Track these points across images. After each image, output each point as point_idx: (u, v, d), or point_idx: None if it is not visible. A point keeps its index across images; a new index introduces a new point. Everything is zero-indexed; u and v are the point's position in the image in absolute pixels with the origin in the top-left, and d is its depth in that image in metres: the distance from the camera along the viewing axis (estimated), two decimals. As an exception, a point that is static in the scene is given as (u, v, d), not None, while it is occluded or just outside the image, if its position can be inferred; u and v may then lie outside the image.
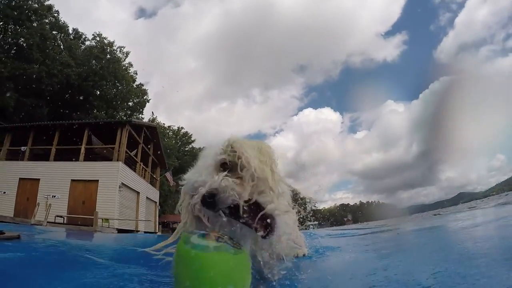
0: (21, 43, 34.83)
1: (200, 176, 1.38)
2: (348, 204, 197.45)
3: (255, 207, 1.37)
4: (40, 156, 22.93)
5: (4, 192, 20.80)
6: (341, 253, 3.49)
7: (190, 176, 1.47)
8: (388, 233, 6.59)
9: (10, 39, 34.75)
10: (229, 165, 1.42)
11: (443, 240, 3.57)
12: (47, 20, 37.42)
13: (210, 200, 1.29)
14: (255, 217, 1.35)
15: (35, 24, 34.93)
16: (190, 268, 1.06)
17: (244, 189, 1.34)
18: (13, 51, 34.86)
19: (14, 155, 22.82)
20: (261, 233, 1.34)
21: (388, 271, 2.02)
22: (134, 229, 22.28)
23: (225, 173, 1.35)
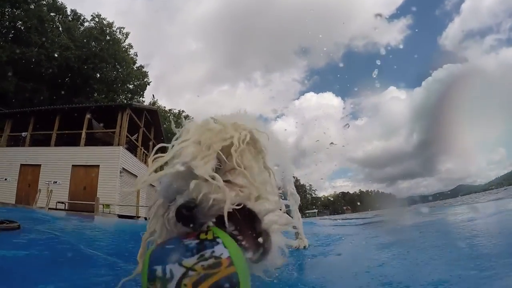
0: (19, 26, 34.39)
1: (177, 178, 1.06)
2: (348, 192, 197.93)
3: (248, 217, 1.05)
4: (41, 141, 22.82)
5: (6, 179, 20.80)
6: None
7: (167, 175, 1.09)
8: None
9: (7, 23, 34.28)
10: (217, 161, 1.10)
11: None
12: (44, 2, 36.69)
13: (188, 214, 0.96)
14: (246, 230, 1.05)
15: (32, 6, 34.21)
16: None
17: (231, 194, 1.01)
18: (11, 35, 34.47)
19: (15, 141, 22.78)
20: (250, 254, 1.03)
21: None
22: (135, 215, 22.28)
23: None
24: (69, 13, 41.60)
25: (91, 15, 42.19)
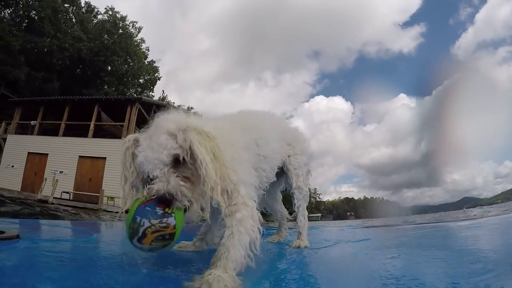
0: (33, 15, 34.58)
1: (153, 170, 1.34)
2: (353, 198, 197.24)
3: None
4: (49, 131, 22.86)
5: (13, 166, 20.89)
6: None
7: (143, 157, 1.37)
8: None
9: (21, 12, 34.52)
10: (181, 160, 1.36)
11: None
12: (59, -8, 36.88)
13: (168, 198, 1.31)
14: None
15: (47, -4, 34.46)
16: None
17: (195, 191, 1.39)
18: (24, 24, 34.72)
19: (23, 129, 22.87)
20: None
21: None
22: (140, 208, 22.16)
23: (176, 175, 1.34)
24: (83, 5, 42.08)
25: (105, 8, 42.53)
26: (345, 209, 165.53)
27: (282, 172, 2.54)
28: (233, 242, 1.44)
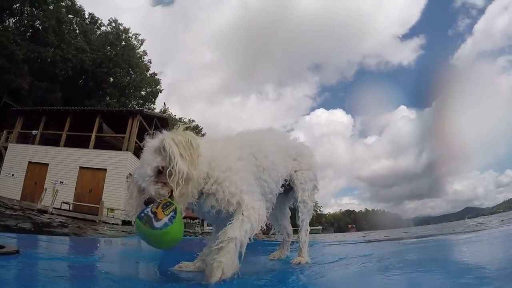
0: (37, 25, 34.99)
1: (141, 182, 1.79)
2: (354, 210, 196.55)
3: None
4: (50, 141, 22.93)
5: (13, 175, 20.89)
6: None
7: (137, 175, 1.85)
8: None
9: (26, 21, 34.95)
10: (162, 169, 1.75)
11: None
12: (63, 4, 37.48)
13: (150, 201, 1.74)
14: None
15: (51, 7, 34.96)
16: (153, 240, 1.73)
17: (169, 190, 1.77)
18: (28, 34, 35.10)
19: (25, 138, 22.93)
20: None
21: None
22: (140, 221, 22.07)
23: (156, 184, 1.77)
24: (86, 16, 42.61)
25: (108, 20, 43.18)
26: (346, 222, 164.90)
27: (290, 189, 2.62)
28: (233, 225, 1.75)
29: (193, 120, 63.95)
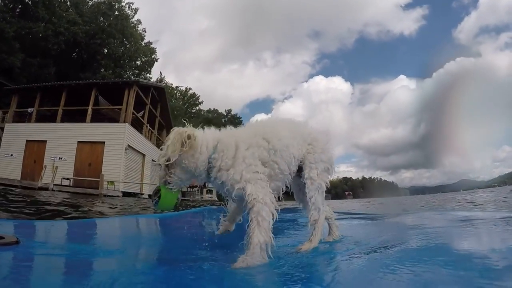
0: (26, 1, 33.80)
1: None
2: (351, 178, 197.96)
3: None
4: (47, 117, 22.63)
5: (11, 155, 20.74)
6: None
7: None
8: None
9: (14, -3, 33.76)
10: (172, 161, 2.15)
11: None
12: (51, -25, 35.97)
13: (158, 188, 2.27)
14: None
15: (39, -20, 33.63)
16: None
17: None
18: (18, 10, 34.01)
19: (21, 117, 22.62)
20: None
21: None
22: (139, 192, 22.31)
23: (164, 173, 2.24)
24: (77, -13, 40.99)
25: (100, -11, 41.44)
26: (343, 189, 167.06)
27: None
28: (255, 230, 2.04)
29: (190, 88, 63.51)
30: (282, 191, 2.55)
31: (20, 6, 34.29)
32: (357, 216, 6.93)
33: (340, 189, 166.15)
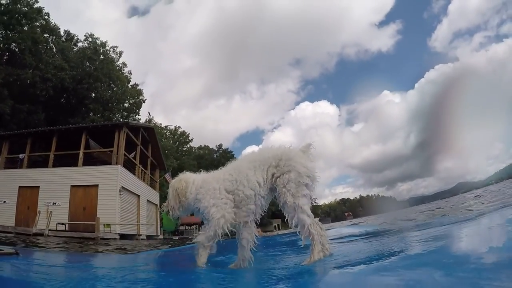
0: (13, 48, 34.53)
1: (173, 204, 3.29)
2: (349, 198, 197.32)
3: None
4: (38, 163, 22.79)
5: (5, 201, 20.70)
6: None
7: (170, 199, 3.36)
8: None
9: (1, 45, 34.39)
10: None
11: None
12: (37, 23, 36.92)
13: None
14: None
15: (26, 28, 34.49)
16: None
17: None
18: (5, 57, 34.64)
19: (12, 163, 22.68)
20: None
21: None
22: (136, 233, 22.27)
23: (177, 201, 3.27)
24: (62, 33, 42.13)
25: (85, 35, 42.74)
26: (342, 210, 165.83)
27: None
28: (200, 233, 2.99)
29: (179, 127, 64.05)
30: (264, 213, 3.10)
31: (7, 54, 34.98)
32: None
33: (340, 211, 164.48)
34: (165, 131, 58.40)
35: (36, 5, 35.93)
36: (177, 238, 33.48)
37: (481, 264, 1.88)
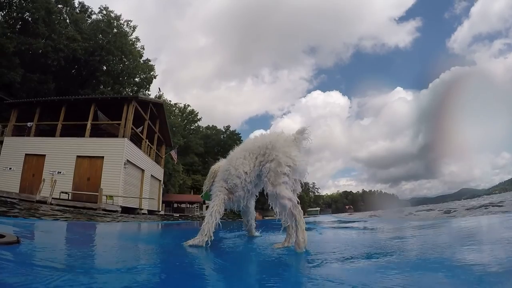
0: (27, 17, 34.30)
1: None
2: (351, 191, 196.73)
3: None
4: (46, 132, 22.79)
5: (10, 168, 20.82)
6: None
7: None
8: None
9: (15, 14, 34.22)
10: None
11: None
12: (52, -7, 36.58)
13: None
14: None
15: (40, -2, 34.20)
16: None
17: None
18: (18, 26, 34.47)
19: (20, 131, 22.78)
20: None
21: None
22: (138, 207, 22.39)
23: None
24: (76, 5, 41.58)
25: (99, 8, 42.02)
26: (343, 203, 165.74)
27: None
28: (205, 220, 2.95)
29: (188, 105, 63.88)
30: (257, 197, 3.36)
31: (20, 22, 34.80)
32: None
33: (341, 203, 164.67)
34: (174, 108, 58.09)
35: (50, -25, 35.51)
36: (177, 215, 33.66)
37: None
